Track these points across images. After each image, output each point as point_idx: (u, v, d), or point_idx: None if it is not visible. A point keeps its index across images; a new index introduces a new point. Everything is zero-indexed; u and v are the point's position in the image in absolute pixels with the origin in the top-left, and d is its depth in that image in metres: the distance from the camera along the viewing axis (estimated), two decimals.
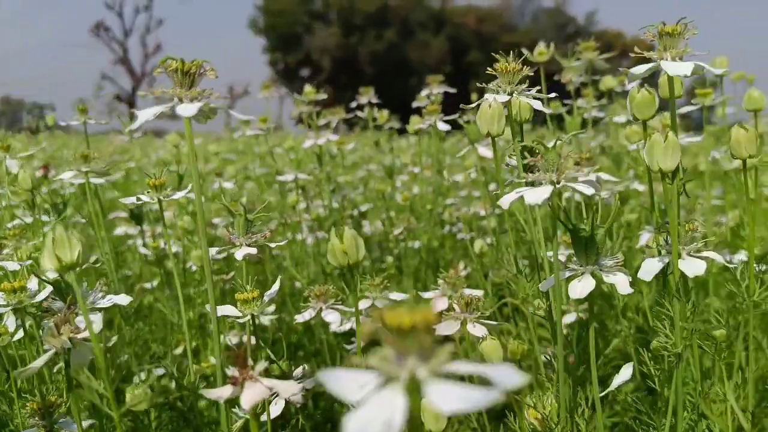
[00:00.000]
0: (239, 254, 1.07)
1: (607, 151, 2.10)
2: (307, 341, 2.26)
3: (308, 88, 2.31)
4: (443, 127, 1.73)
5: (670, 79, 0.80)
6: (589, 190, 0.74)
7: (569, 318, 1.48)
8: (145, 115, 0.68)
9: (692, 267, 0.86)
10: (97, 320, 0.81)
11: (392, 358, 0.42)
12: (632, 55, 0.79)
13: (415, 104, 2.41)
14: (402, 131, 2.69)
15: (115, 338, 0.95)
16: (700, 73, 0.77)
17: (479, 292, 1.34)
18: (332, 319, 1.40)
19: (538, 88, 0.92)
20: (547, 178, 0.75)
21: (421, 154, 2.58)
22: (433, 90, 2.27)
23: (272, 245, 1.12)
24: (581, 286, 0.83)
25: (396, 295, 1.53)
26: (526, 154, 0.78)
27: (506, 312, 1.99)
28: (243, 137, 2.39)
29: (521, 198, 0.76)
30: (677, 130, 0.81)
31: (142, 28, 30.83)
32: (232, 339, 1.87)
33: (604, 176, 1.35)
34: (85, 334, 0.83)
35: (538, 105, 0.88)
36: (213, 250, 1.15)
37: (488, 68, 0.93)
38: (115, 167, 3.13)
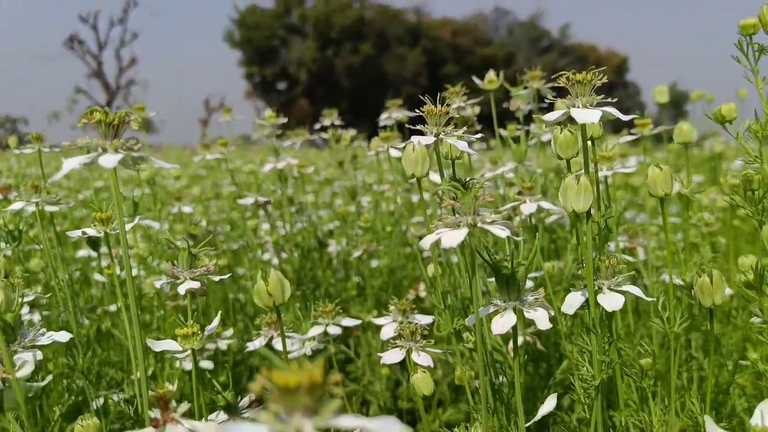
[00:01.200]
0: (182, 289, 1.09)
1: (562, 174, 2.14)
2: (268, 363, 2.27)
3: (269, 112, 2.34)
4: (395, 153, 1.77)
5: (583, 125, 0.84)
6: (503, 233, 0.77)
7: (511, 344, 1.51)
8: (71, 164, 0.70)
9: (610, 301, 0.89)
10: (30, 360, 0.83)
11: (281, 414, 0.45)
12: (546, 101, 0.83)
13: (381, 123, 2.44)
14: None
15: (50, 377, 0.95)
16: (611, 118, 0.81)
17: (428, 320, 1.37)
18: (280, 347, 1.42)
19: (464, 129, 0.95)
20: (464, 221, 0.79)
21: (382, 173, 2.61)
22: (392, 114, 2.30)
23: (216, 278, 1.14)
24: (503, 322, 0.86)
25: (348, 321, 1.56)
26: (447, 195, 0.81)
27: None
28: (203, 161, 2.40)
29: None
30: (589, 173, 0.85)
31: (117, 41, 30.62)
32: (187, 364, 1.88)
33: (545, 204, 1.39)
34: (20, 373, 0.85)
35: (463, 146, 0.91)
36: (158, 283, 1.17)
37: (418, 109, 0.96)
38: (65, 198, 3.11)
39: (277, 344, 1.41)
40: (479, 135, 0.96)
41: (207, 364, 1.86)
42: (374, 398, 2.24)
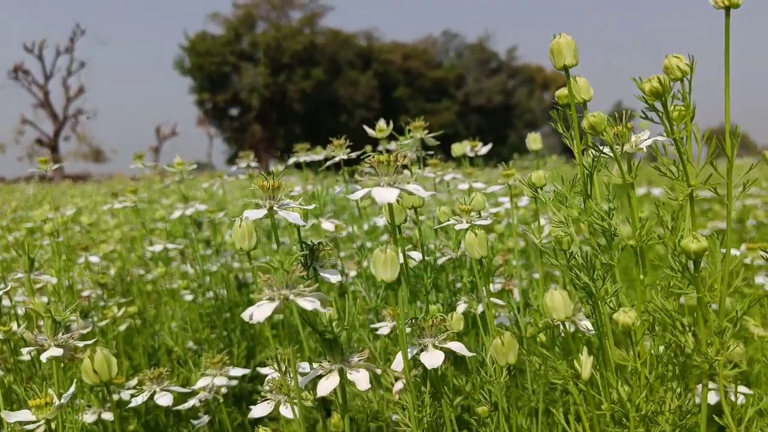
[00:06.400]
0: (44, 356, 1.12)
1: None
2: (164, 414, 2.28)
3: (178, 159, 2.38)
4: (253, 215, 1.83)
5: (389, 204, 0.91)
6: (311, 305, 0.83)
7: (399, 385, 1.57)
8: None
9: (430, 359, 0.96)
10: None
11: None
12: (357, 178, 0.90)
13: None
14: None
15: None
16: (406, 194, 0.88)
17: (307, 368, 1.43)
18: (165, 402, 1.46)
19: (300, 200, 1.02)
20: (276, 295, 0.85)
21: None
22: (300, 158, 2.36)
23: (81, 344, 1.17)
24: (327, 384, 0.92)
25: (236, 371, 1.61)
26: (262, 270, 0.87)
27: None
28: (111, 209, 2.43)
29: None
30: (398, 245, 0.92)
31: (64, 70, 30.16)
32: (88, 417, 1.90)
33: (414, 254, 1.46)
34: None
35: (294, 218, 0.98)
36: (25, 350, 1.19)
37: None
38: None
39: (160, 399, 1.45)
40: (313, 205, 1.03)
41: (109, 416, 1.87)
42: None
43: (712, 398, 1.50)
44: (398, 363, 1.00)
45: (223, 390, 1.90)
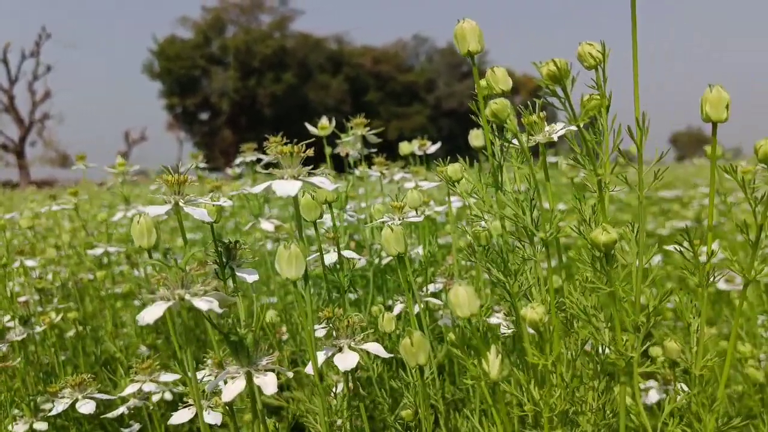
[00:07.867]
0: None
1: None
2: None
3: (119, 159, 2.31)
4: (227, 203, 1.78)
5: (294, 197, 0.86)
6: (205, 306, 0.78)
7: (339, 386, 1.53)
8: None
9: (344, 361, 0.92)
10: None
11: None
12: (264, 172, 0.86)
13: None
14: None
15: None
16: (309, 189, 0.84)
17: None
18: (87, 410, 1.40)
19: (210, 196, 0.97)
20: (170, 294, 0.80)
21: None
22: (247, 158, 2.31)
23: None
24: (233, 388, 0.87)
25: (167, 376, 1.55)
26: (155, 270, 0.82)
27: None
28: (49, 212, 2.35)
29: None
30: (304, 242, 0.88)
31: (30, 74, 29.61)
32: (19, 427, 1.82)
33: (348, 254, 1.42)
34: None
35: (201, 214, 0.93)
36: None
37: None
38: None
39: (82, 407, 1.39)
40: (222, 202, 0.98)
41: (42, 426, 1.80)
42: None
43: (653, 396, 1.48)
44: (310, 367, 0.95)
45: (167, 396, 1.85)
